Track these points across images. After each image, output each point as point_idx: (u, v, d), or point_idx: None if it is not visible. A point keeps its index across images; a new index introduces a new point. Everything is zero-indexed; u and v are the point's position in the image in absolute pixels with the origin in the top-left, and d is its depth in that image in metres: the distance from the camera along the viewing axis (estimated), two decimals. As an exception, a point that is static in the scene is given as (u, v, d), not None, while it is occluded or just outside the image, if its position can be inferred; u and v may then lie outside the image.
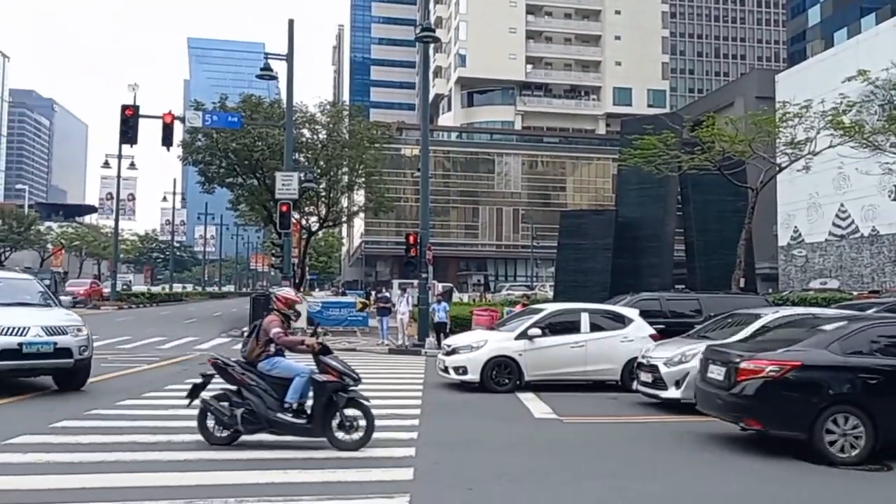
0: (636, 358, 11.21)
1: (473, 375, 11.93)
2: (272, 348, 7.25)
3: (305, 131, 34.06)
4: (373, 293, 31.93)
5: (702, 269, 25.23)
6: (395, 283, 40.42)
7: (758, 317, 10.48)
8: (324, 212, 36.79)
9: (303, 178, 25.92)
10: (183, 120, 26.15)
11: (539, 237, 57.49)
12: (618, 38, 76.67)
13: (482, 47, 72.16)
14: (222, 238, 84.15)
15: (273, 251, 32.36)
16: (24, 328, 9.61)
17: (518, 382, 11.92)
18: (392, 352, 18.86)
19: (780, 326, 9.56)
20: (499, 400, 11.01)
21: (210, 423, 7.15)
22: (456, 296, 39.21)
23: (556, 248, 29.04)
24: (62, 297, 12.96)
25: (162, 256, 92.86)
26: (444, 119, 78.90)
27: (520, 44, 75.06)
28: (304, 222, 36.46)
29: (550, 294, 31.19)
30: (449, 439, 7.65)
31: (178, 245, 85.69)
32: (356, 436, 7.05)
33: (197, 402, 7.32)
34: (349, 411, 7.07)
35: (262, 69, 24.37)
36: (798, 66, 47.81)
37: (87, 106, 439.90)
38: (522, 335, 12.22)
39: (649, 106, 71.57)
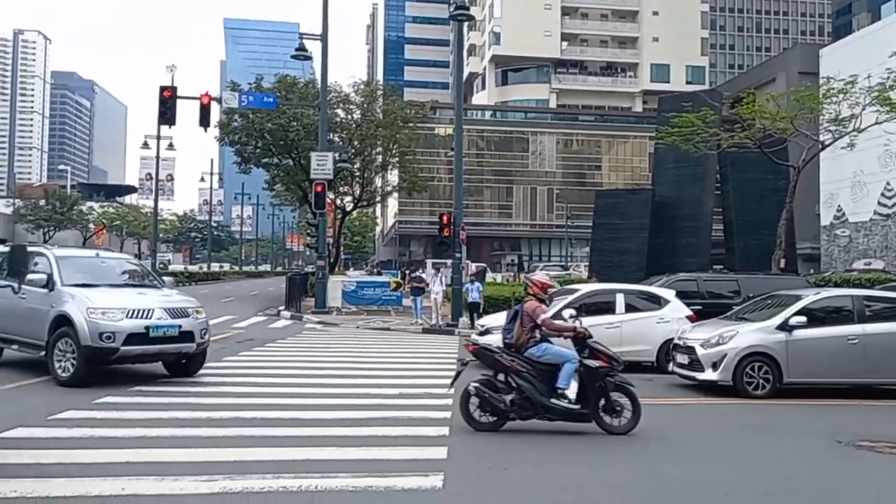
0: (672, 339, 11.09)
1: (508, 355, 11.95)
2: (538, 334, 7.22)
3: (340, 111, 34.11)
4: (407, 273, 32.04)
5: (741, 249, 24.81)
6: (429, 262, 40.52)
7: (798, 298, 10.27)
8: (358, 191, 36.92)
9: (337, 158, 26.02)
10: (220, 101, 26.41)
11: (574, 217, 56.99)
12: (655, 13, 75.01)
13: (517, 24, 71.22)
14: (259, 218, 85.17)
15: (308, 231, 32.67)
16: (149, 310, 9.00)
17: (552, 363, 11.89)
18: (426, 331, 18.96)
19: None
20: (532, 380, 11.00)
21: (473, 409, 7.14)
22: (489, 276, 39.14)
23: (591, 228, 28.80)
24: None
25: (200, 236, 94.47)
26: (479, 98, 78.32)
27: (555, 20, 73.91)
28: (338, 202, 36.68)
29: (585, 274, 30.97)
30: None
31: (215, 225, 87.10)
32: (623, 420, 7.17)
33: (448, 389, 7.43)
34: (616, 396, 7.18)
35: (296, 49, 24.46)
36: (843, 41, 46.31)
37: (127, 87, 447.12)
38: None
39: (688, 83, 70.06)
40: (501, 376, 7.14)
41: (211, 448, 6.07)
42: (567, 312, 8.55)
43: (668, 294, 13.12)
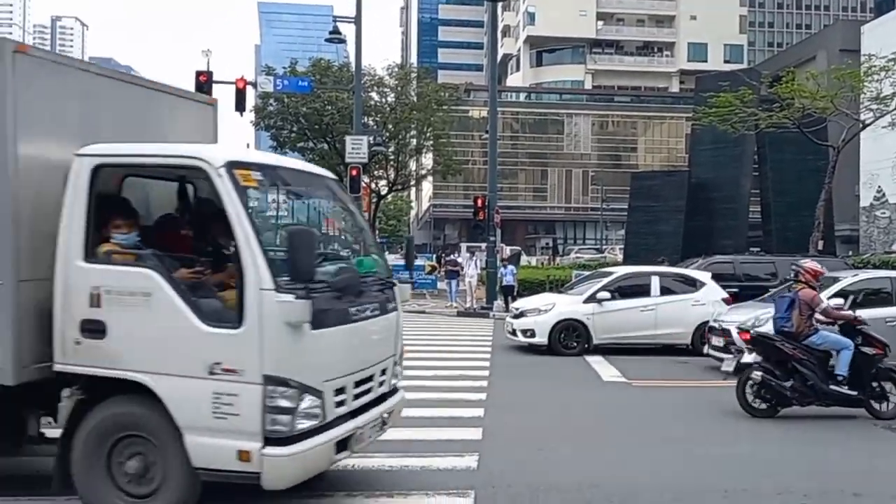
0: (707, 322, 11.09)
1: (541, 338, 12.05)
2: (815, 322, 7.47)
3: (374, 95, 34.20)
4: (442, 257, 32.18)
5: (778, 231, 24.46)
6: (464, 246, 40.57)
7: (836, 280, 10.19)
8: (392, 175, 37.07)
9: (372, 142, 26.15)
10: (255, 85, 26.68)
11: (609, 199, 56.38)
12: (693, -10, 73.35)
13: (551, 4, 70.23)
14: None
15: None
16: None
17: (586, 346, 11.98)
18: (460, 314, 19.16)
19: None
20: (567, 363, 11.12)
21: (750, 396, 7.41)
22: (524, 259, 39.06)
23: (627, 211, 28.60)
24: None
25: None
26: (513, 79, 77.66)
27: (590, 0, 72.79)
28: (373, 186, 36.88)
29: (620, 257, 30.83)
30: (517, 401, 7.80)
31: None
32: (890, 405, 7.44)
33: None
34: (886, 383, 7.47)
35: (330, 33, 24.53)
36: (886, 17, 44.74)
37: (163, 72, 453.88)
38: (591, 298, 12.26)
39: (726, 62, 68.47)
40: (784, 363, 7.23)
41: None
42: (835, 301, 8.62)
43: (704, 276, 13.10)
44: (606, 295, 12.25)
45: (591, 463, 5.69)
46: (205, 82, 22.84)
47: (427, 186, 64.21)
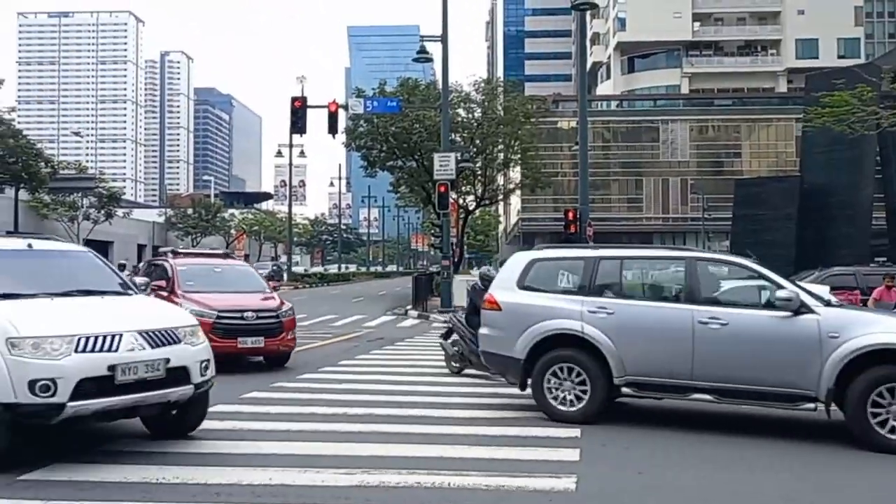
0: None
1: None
2: None
3: (461, 111, 34.21)
4: None
5: (906, 239, 22.35)
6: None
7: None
8: (480, 190, 36.88)
9: (459, 158, 26.00)
10: (346, 107, 27.21)
11: (710, 208, 53.89)
12: (800, -17, 69.55)
13: (643, 8, 68.26)
14: (385, 219, 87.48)
15: (432, 231, 32.98)
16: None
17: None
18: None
19: None
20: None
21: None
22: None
23: (731, 220, 27.14)
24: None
25: (330, 238, 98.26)
26: (603, 88, 76.06)
27: (685, 0, 70.28)
28: (461, 201, 36.78)
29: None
30: (615, 420, 7.32)
31: (344, 227, 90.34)
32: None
33: None
34: None
35: (417, 52, 24.69)
36: None
37: (260, 99, 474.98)
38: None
39: (840, 57, 64.24)
40: None
41: (348, 443, 6.32)
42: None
43: (822, 290, 11.95)
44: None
45: (696, 488, 5.31)
46: (300, 107, 23.52)
47: (515, 200, 63.64)
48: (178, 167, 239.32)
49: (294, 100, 23.91)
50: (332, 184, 68.80)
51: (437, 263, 29.79)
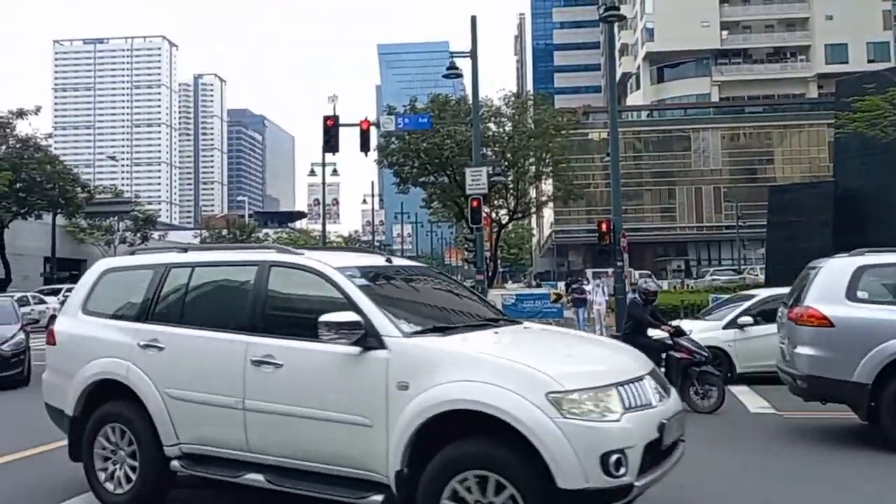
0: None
1: (679, 368, 11.31)
2: None
3: (491, 125, 34.41)
4: (570, 284, 31.30)
5: (948, 242, 21.86)
6: (589, 272, 39.62)
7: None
8: (513, 204, 36.95)
9: (491, 172, 26.13)
10: (377, 125, 27.57)
11: (745, 216, 53.32)
12: (827, -11, 68.81)
13: (671, 18, 68.16)
14: (418, 235, 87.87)
15: (466, 246, 33.14)
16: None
17: (729, 375, 11.14)
18: (589, 343, 18.43)
19: None
20: (709, 394, 10.33)
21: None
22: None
23: (766, 228, 26.81)
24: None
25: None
26: (633, 98, 75.87)
27: (713, 9, 69.91)
28: (494, 215, 36.90)
29: (761, 278, 28.82)
30: None
31: (378, 244, 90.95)
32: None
33: None
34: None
35: (447, 69, 24.95)
36: None
37: (293, 119, 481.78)
38: (732, 324, 11.55)
39: (870, 61, 63.25)
40: None
41: None
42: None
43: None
44: (749, 320, 11.44)
45: (739, 503, 5.19)
46: (332, 126, 23.90)
47: (548, 213, 63.55)
48: (212, 188, 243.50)
49: (326, 119, 24.25)
50: (364, 201, 69.35)
51: (471, 278, 29.94)
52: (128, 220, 47.67)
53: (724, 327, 11.50)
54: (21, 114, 36.36)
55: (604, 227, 20.18)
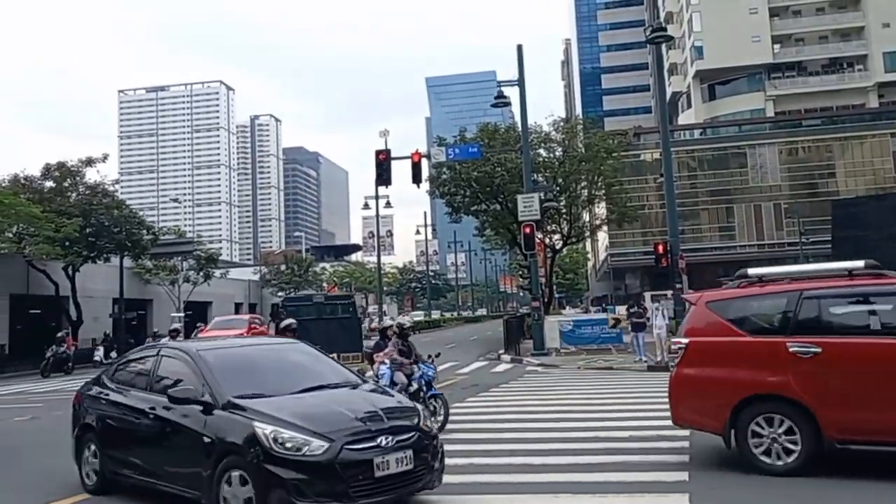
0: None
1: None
2: None
3: (541, 151, 34.41)
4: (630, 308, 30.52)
5: None
6: (647, 295, 38.88)
7: None
8: (566, 228, 36.72)
9: (543, 198, 26.11)
10: (428, 157, 27.89)
11: (807, 232, 51.61)
12: (881, -4, 66.87)
13: (720, 35, 67.19)
14: (472, 263, 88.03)
15: (520, 272, 33.03)
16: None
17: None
18: (651, 369, 18.01)
19: None
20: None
21: None
22: (715, 304, 36.47)
23: (831, 243, 25.92)
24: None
25: (419, 286, 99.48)
26: (685, 117, 74.77)
27: (763, 23, 68.65)
28: (547, 241, 36.70)
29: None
30: (724, 462, 7.02)
31: (432, 274, 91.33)
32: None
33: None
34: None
35: (495, 98, 25.15)
36: None
37: (346, 154, 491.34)
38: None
39: (931, 67, 61.15)
40: None
41: (450, 495, 6.22)
42: None
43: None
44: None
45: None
46: (384, 160, 24.30)
47: (602, 236, 62.81)
48: (270, 225, 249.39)
49: (378, 153, 24.66)
50: (418, 231, 69.97)
51: (526, 305, 29.77)
52: (191, 260, 48.94)
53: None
54: (90, 162, 38.05)
55: (661, 248, 19.85)
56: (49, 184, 37.26)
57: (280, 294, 64.01)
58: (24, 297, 34.85)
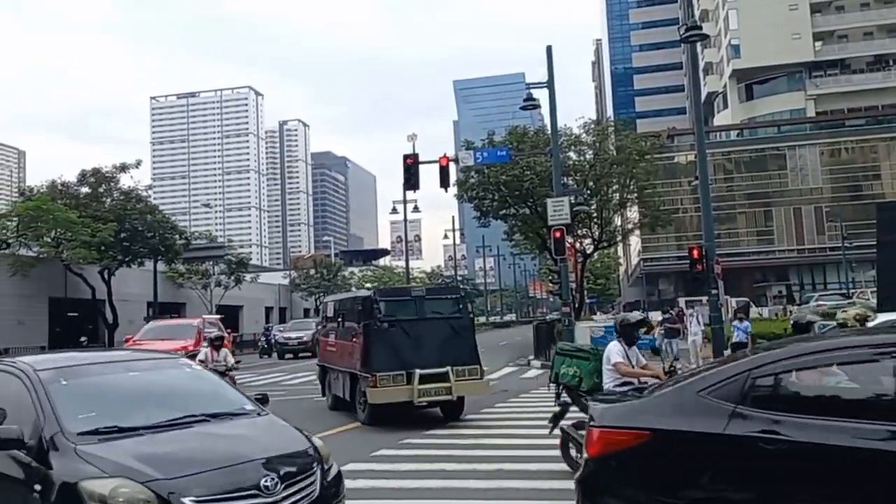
0: None
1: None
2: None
3: (572, 154, 33.87)
4: (671, 313, 29.53)
5: None
6: (681, 301, 37.99)
7: None
8: (597, 233, 36.08)
9: (573, 202, 25.53)
10: (456, 161, 27.49)
11: (850, 236, 49.99)
12: (928, -11, 64.71)
13: (758, 32, 65.53)
14: (500, 268, 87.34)
15: (550, 277, 32.43)
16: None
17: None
18: (686, 378, 17.36)
19: None
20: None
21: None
22: (754, 310, 35.57)
23: (875, 248, 24.88)
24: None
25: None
26: (721, 118, 73.23)
27: (804, 20, 66.74)
28: (578, 245, 36.09)
29: (873, 302, 26.64)
30: None
31: (460, 278, 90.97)
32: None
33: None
34: None
35: (524, 100, 24.67)
36: None
37: (373, 158, 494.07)
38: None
39: (981, 63, 58.95)
40: None
41: (476, 500, 6.38)
42: None
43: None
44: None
45: None
46: (412, 164, 24.01)
47: (635, 241, 61.79)
48: (299, 230, 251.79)
49: (406, 157, 24.40)
50: (446, 236, 69.58)
51: (556, 310, 29.16)
52: (222, 264, 49.41)
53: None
54: (124, 168, 38.60)
55: (695, 253, 19.17)
56: (85, 189, 37.92)
57: (309, 298, 64.29)
58: (62, 300, 35.45)
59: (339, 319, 13.13)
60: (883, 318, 11.82)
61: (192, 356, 12.11)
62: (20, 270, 31.40)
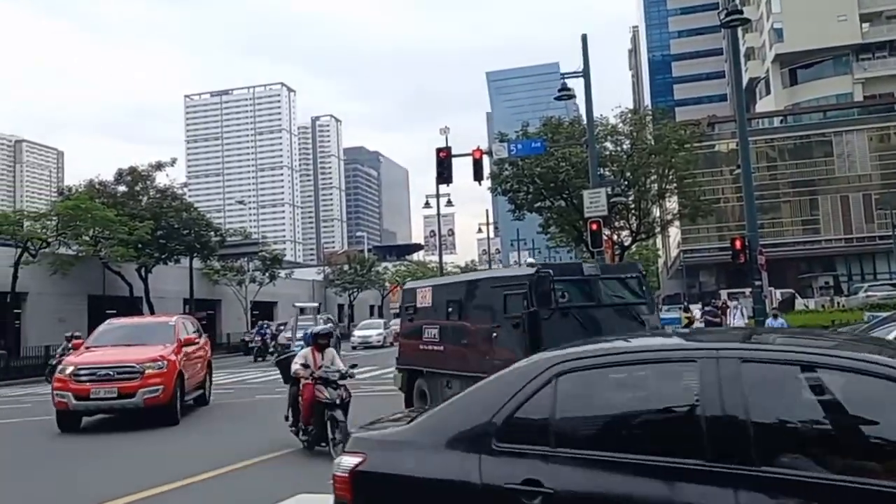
0: None
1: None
2: None
3: (608, 144, 33.14)
4: (712, 305, 28.68)
5: None
6: (723, 293, 36.96)
7: None
8: (635, 224, 35.30)
9: (610, 193, 24.91)
10: (490, 153, 27.06)
11: (902, 224, 48.09)
12: (982, -33, 61.80)
13: (802, 15, 63.20)
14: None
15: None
16: None
17: None
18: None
19: None
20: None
21: None
22: (799, 302, 34.44)
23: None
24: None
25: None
26: (763, 104, 71.04)
27: (850, 1, 64.33)
28: (615, 237, 35.33)
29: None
30: None
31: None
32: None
33: None
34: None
35: (559, 90, 24.10)
36: None
37: (406, 152, 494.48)
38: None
39: None
40: None
41: None
42: None
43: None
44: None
45: None
46: (445, 158, 23.68)
47: (674, 232, 60.42)
48: (332, 225, 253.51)
49: (439, 151, 24.10)
50: (480, 230, 68.98)
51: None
52: (257, 261, 49.72)
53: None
54: (159, 166, 38.97)
55: (738, 244, 18.57)
56: (122, 188, 38.45)
57: (343, 294, 64.36)
58: (100, 297, 35.99)
59: (452, 309, 10.18)
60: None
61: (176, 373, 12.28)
62: (60, 269, 31.93)
